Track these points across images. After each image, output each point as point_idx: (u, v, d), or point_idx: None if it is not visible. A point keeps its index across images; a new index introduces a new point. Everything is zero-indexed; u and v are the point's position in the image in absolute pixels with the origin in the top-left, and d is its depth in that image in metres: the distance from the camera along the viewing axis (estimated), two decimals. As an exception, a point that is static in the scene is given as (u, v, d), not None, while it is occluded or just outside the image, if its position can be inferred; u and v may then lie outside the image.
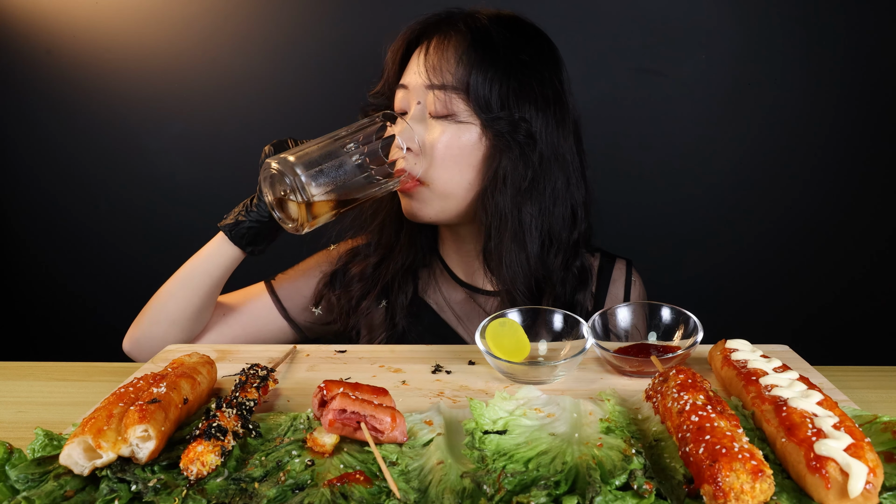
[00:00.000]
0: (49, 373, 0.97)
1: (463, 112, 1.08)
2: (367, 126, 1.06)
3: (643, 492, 0.56)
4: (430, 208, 1.14)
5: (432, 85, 1.08)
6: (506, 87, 1.08)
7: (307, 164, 0.95)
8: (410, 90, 1.11)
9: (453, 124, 1.09)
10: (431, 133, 1.09)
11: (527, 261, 1.12)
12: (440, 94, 1.08)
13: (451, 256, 1.28)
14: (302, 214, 0.96)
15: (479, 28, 1.10)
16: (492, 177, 1.11)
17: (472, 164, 1.11)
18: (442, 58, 1.08)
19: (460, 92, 1.07)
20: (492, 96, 1.08)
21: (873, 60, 1.72)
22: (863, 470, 0.53)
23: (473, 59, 1.07)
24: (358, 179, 1.01)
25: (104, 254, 1.99)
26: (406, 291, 1.23)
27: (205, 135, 1.89)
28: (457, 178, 1.11)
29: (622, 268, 1.31)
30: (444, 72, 1.07)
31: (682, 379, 0.68)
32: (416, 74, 1.10)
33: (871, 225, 1.82)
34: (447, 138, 1.09)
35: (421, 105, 1.10)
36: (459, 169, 1.11)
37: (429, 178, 1.11)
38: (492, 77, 1.07)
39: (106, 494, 0.59)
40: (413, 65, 1.12)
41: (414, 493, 0.59)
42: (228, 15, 1.81)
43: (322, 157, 0.97)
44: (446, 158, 1.10)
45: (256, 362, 0.84)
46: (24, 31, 1.85)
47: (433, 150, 1.09)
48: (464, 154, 1.10)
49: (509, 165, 1.10)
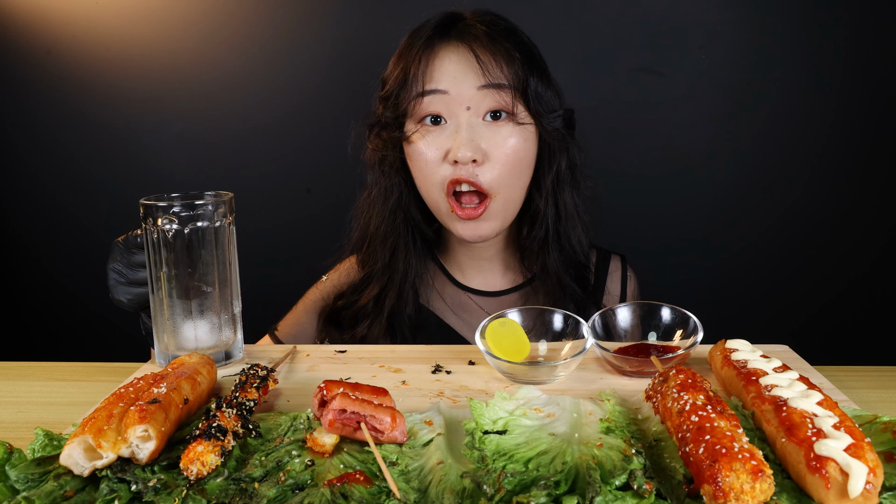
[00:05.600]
0: (49, 373, 0.97)
1: (522, 112, 1.05)
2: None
3: (643, 492, 0.56)
4: (497, 223, 1.10)
5: (490, 84, 1.02)
6: (547, 82, 1.07)
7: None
8: (453, 95, 1.04)
9: (516, 126, 1.05)
10: (495, 138, 1.04)
11: (574, 247, 1.16)
12: (502, 95, 1.03)
13: (458, 262, 1.25)
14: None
15: (506, 27, 1.08)
16: (554, 175, 1.10)
17: (531, 165, 1.10)
18: (493, 54, 1.03)
19: (518, 91, 1.04)
20: (543, 94, 1.05)
21: (873, 60, 1.72)
22: (863, 470, 0.53)
23: (521, 56, 1.04)
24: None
25: (104, 254, 1.98)
26: (409, 307, 1.19)
27: (205, 135, 1.89)
28: (521, 181, 1.09)
29: (618, 263, 1.31)
30: (499, 70, 1.03)
31: (682, 379, 0.68)
32: (459, 79, 1.03)
33: (871, 225, 1.82)
34: (515, 142, 1.05)
35: (471, 110, 1.04)
36: (524, 173, 1.08)
37: (497, 185, 1.06)
38: (540, 74, 1.06)
39: (106, 494, 0.59)
40: (447, 68, 1.04)
41: (414, 493, 0.59)
42: (228, 15, 1.81)
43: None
44: (515, 162, 1.06)
45: (256, 362, 0.84)
46: (24, 31, 1.85)
47: (502, 155, 1.04)
48: (527, 156, 1.08)
49: (566, 162, 1.11)
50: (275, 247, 1.91)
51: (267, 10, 1.80)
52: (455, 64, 1.04)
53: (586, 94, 1.80)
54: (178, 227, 0.86)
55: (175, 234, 0.86)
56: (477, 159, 1.03)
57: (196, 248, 0.87)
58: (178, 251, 0.87)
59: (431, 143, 1.06)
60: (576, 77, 1.80)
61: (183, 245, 0.87)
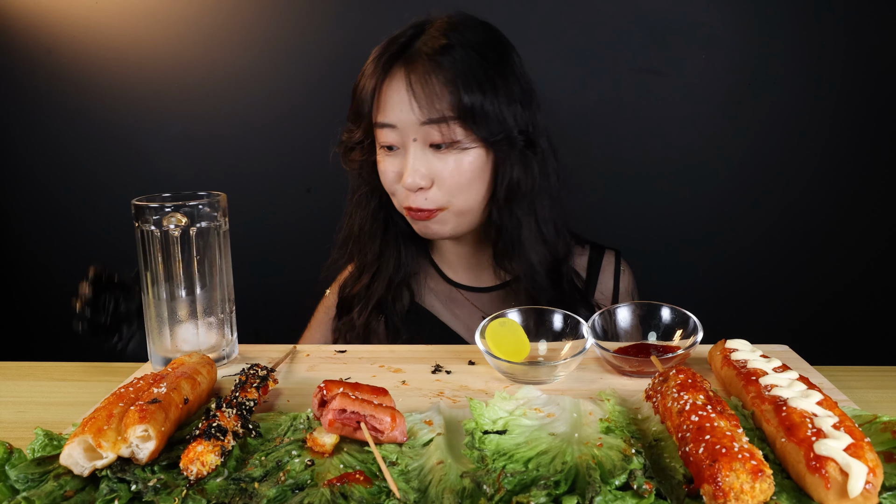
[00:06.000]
0: (49, 373, 0.98)
1: (464, 138, 1.08)
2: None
3: (643, 492, 0.56)
4: (448, 226, 1.14)
5: (430, 121, 1.06)
6: (492, 100, 1.07)
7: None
8: (400, 128, 1.08)
9: (459, 152, 1.09)
10: (440, 166, 1.09)
11: (547, 252, 1.17)
12: (439, 128, 1.06)
13: (448, 261, 1.29)
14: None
15: (447, 47, 1.07)
16: (505, 191, 1.12)
17: (485, 180, 1.12)
18: (429, 91, 1.05)
19: (456, 120, 1.06)
20: (487, 115, 1.07)
21: (873, 60, 1.72)
22: (863, 470, 0.53)
23: (458, 82, 1.05)
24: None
25: (104, 254, 1.98)
26: (402, 301, 1.24)
27: (205, 135, 1.89)
28: (472, 196, 1.12)
29: (611, 258, 1.32)
30: (436, 104, 1.05)
31: (682, 379, 0.68)
32: (404, 112, 1.07)
33: (870, 225, 1.82)
34: (457, 166, 1.09)
35: (418, 141, 1.09)
36: (475, 188, 1.12)
37: (447, 202, 1.11)
38: (482, 95, 1.06)
39: (106, 494, 0.59)
40: (393, 101, 1.08)
41: (414, 493, 0.59)
42: (228, 15, 1.81)
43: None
44: (463, 184, 1.10)
45: (256, 362, 0.84)
46: (24, 31, 1.85)
47: (448, 180, 1.09)
48: (476, 175, 1.11)
49: (520, 174, 1.12)
50: (275, 247, 1.91)
51: (267, 10, 1.80)
52: (400, 95, 1.07)
53: (586, 94, 1.80)
54: (185, 226, 0.86)
55: (170, 235, 0.86)
56: (423, 186, 1.09)
57: (189, 248, 0.88)
58: (170, 251, 0.87)
59: (390, 166, 1.13)
60: (576, 77, 1.80)
61: (176, 245, 0.87)
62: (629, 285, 1.32)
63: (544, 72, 1.80)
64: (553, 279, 1.18)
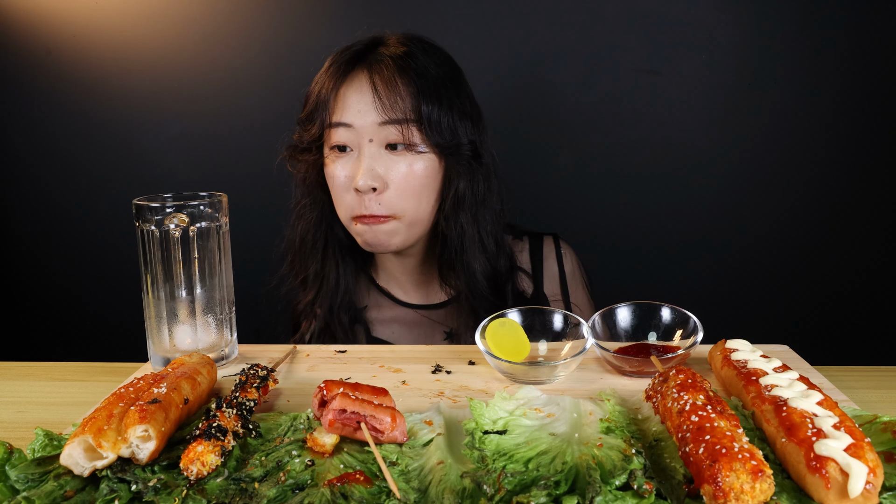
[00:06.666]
0: (49, 373, 0.97)
1: (420, 142, 1.10)
2: None
3: (643, 492, 0.56)
4: (398, 238, 1.14)
5: (391, 120, 1.08)
6: (447, 110, 1.11)
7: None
8: (357, 128, 1.10)
9: (414, 155, 1.10)
10: (395, 168, 1.10)
11: (488, 263, 1.18)
12: (399, 129, 1.08)
13: (397, 280, 1.29)
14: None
15: (410, 54, 1.11)
16: (452, 199, 1.14)
17: (435, 189, 1.15)
18: (392, 92, 1.08)
19: (415, 123, 1.09)
20: (442, 123, 1.10)
21: (873, 60, 1.72)
22: (863, 470, 0.53)
23: (419, 88, 1.09)
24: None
25: (104, 254, 1.99)
26: (344, 315, 1.24)
27: (205, 135, 1.89)
28: (424, 205, 1.14)
29: (550, 243, 1.33)
30: (397, 106, 1.08)
31: (682, 379, 0.68)
32: (362, 112, 1.09)
33: (871, 224, 1.82)
34: (413, 170, 1.10)
35: (373, 142, 1.10)
36: (426, 196, 1.14)
37: (400, 210, 1.12)
38: (438, 104, 1.10)
39: (106, 494, 0.59)
40: (351, 101, 1.10)
41: (414, 493, 0.59)
42: (228, 15, 1.81)
43: None
44: (416, 189, 1.11)
45: (256, 362, 0.84)
46: (24, 31, 1.85)
47: (402, 183, 1.10)
48: (428, 182, 1.13)
49: (466, 185, 1.14)
50: (275, 247, 1.91)
51: (267, 10, 1.80)
52: (359, 96, 1.10)
53: (586, 94, 1.80)
54: (185, 226, 0.86)
55: (170, 235, 0.86)
56: (377, 187, 1.09)
57: (189, 248, 0.88)
58: (171, 251, 0.87)
59: (341, 169, 1.13)
60: (576, 77, 1.80)
61: (176, 245, 0.87)
62: (574, 265, 1.33)
63: (544, 72, 1.80)
64: (496, 291, 1.19)
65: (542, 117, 1.83)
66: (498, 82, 1.79)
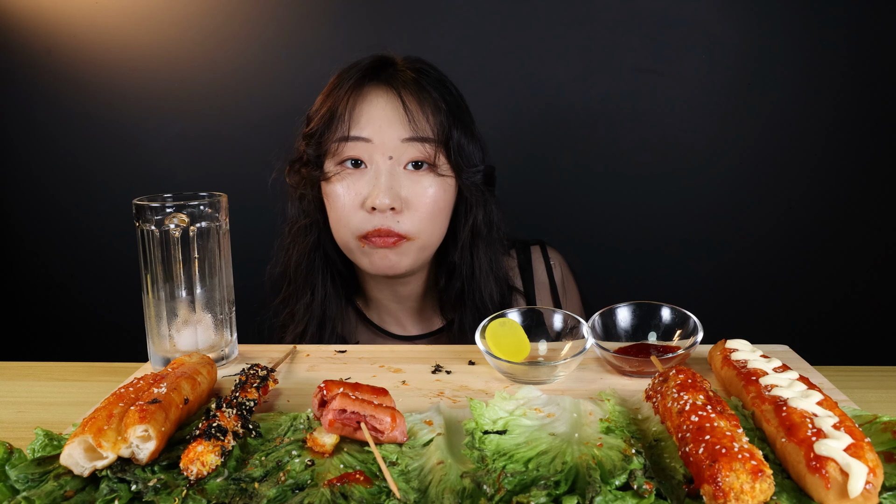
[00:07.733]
0: (49, 373, 0.97)
1: (443, 165, 1.07)
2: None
3: (643, 492, 0.56)
4: (408, 260, 1.10)
5: (416, 137, 1.04)
6: (468, 135, 1.08)
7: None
8: (376, 144, 1.05)
9: (436, 177, 1.07)
10: (417, 188, 1.06)
11: (496, 290, 1.16)
12: (424, 147, 1.05)
13: (385, 308, 1.24)
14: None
15: (427, 74, 1.08)
16: (470, 230, 1.12)
17: (448, 215, 1.12)
18: (422, 109, 1.05)
19: (441, 145, 1.06)
20: (464, 146, 1.07)
21: (874, 60, 1.72)
22: (863, 470, 0.53)
23: (448, 110, 1.06)
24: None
25: (104, 254, 1.99)
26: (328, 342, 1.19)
27: (205, 135, 1.89)
28: (438, 229, 1.11)
29: (538, 252, 1.31)
30: (424, 124, 1.05)
31: (682, 379, 0.68)
32: (385, 128, 1.04)
33: (871, 225, 1.82)
34: (435, 192, 1.07)
35: (393, 160, 1.06)
36: (441, 221, 1.11)
37: (416, 232, 1.07)
38: (462, 127, 1.07)
39: (106, 494, 0.59)
40: (371, 116, 1.05)
41: (414, 493, 0.59)
42: (228, 15, 1.81)
43: None
44: (434, 212, 1.08)
45: (256, 362, 0.84)
46: (24, 31, 1.85)
47: (422, 204, 1.06)
48: (447, 206, 1.10)
49: (483, 214, 1.13)
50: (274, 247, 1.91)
51: (267, 10, 1.81)
52: (382, 111, 1.05)
53: (586, 94, 1.80)
54: (185, 227, 0.86)
55: (170, 235, 0.86)
56: (395, 207, 1.05)
57: (189, 248, 0.88)
58: (171, 251, 0.87)
59: (350, 187, 1.07)
60: (576, 77, 1.80)
61: (176, 245, 0.87)
62: (563, 273, 1.32)
63: (545, 72, 1.80)
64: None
65: (542, 117, 1.83)
66: (498, 83, 1.79)
